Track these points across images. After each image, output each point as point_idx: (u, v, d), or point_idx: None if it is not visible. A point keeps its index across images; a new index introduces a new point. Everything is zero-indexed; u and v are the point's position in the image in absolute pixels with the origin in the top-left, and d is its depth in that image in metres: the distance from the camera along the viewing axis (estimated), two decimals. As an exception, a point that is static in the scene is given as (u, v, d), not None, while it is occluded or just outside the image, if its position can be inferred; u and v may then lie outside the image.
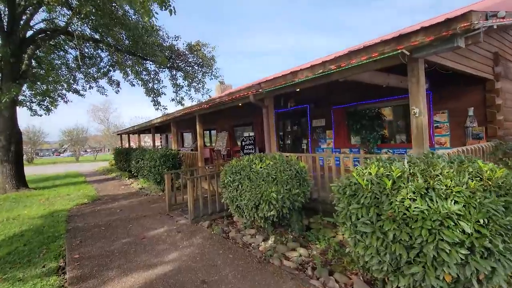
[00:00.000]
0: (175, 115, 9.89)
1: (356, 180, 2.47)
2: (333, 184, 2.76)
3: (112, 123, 55.52)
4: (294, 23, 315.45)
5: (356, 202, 2.38)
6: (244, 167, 4.13)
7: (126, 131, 18.02)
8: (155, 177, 8.46)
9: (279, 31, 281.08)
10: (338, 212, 2.65)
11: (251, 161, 4.25)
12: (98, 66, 15.54)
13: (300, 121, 10.47)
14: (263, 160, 4.17)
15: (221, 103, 7.10)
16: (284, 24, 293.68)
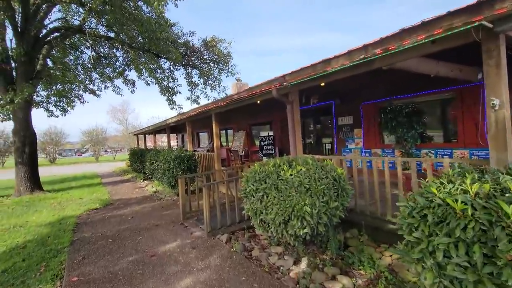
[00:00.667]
0: (190, 114, 9.34)
1: (441, 200, 1.72)
2: (401, 204, 2.00)
3: (131, 123, 56.49)
4: (307, 21, 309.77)
5: (446, 233, 1.62)
6: (270, 174, 3.43)
7: (142, 131, 17.77)
8: (169, 181, 7.93)
9: (291, 30, 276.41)
10: (410, 243, 1.90)
11: (278, 167, 3.55)
12: (113, 65, 15.36)
13: (324, 119, 9.66)
14: (292, 166, 3.45)
15: (239, 100, 6.43)
16: (297, 23, 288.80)
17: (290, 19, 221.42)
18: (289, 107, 5.35)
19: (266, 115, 11.55)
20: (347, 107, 8.10)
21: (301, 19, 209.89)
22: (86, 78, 15.54)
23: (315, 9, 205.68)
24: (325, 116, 9.66)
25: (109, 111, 56.63)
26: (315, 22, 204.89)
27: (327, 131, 9.44)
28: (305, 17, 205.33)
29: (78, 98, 15.79)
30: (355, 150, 7.98)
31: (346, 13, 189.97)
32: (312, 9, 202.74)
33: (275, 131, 11.12)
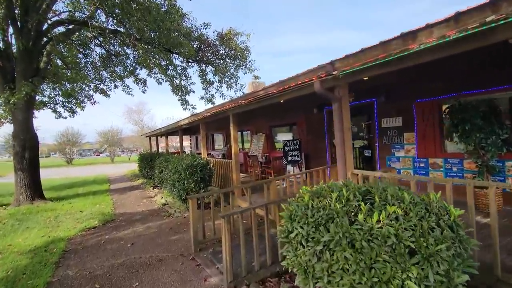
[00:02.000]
0: (204, 115, 8.11)
1: None
2: None
3: (146, 124, 56.39)
4: (321, 20, 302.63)
5: None
6: (336, 214, 2.08)
7: (154, 133, 16.80)
8: (180, 193, 6.71)
9: (305, 29, 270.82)
10: None
11: (346, 202, 2.19)
12: (124, 64, 14.43)
13: (361, 121, 8.22)
14: (375, 204, 2.07)
15: (265, 98, 5.11)
16: (311, 22, 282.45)
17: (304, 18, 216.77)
18: (335, 106, 3.98)
19: (289, 115, 10.18)
20: (395, 106, 6.62)
21: (315, 18, 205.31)
22: (96, 77, 14.71)
23: (330, 7, 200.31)
24: (363, 117, 8.20)
25: (125, 112, 56.70)
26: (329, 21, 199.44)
27: (365, 135, 8.00)
28: (319, 16, 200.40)
29: (88, 99, 14.99)
30: (405, 159, 6.49)
31: (361, 11, 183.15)
32: (326, 7, 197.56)
33: (300, 134, 9.74)
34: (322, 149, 8.83)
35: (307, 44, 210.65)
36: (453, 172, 5.62)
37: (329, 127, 8.62)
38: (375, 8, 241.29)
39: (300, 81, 4.04)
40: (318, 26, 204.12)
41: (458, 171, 5.54)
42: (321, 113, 8.78)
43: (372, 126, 7.24)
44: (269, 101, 5.30)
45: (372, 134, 7.33)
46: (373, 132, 7.21)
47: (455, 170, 5.59)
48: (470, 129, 4.92)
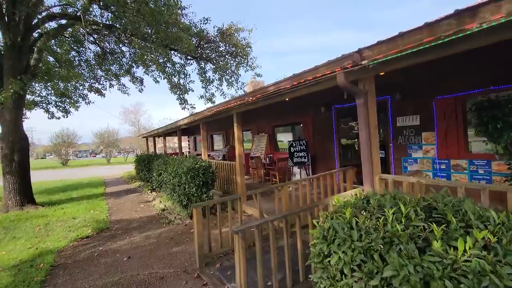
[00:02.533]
0: (205, 114, 7.60)
1: None
2: None
3: (143, 125, 55.71)
4: (321, 21, 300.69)
5: None
6: (396, 238, 1.60)
7: (151, 134, 16.25)
8: (180, 199, 6.20)
9: (307, 30, 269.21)
10: None
11: (408, 222, 1.70)
12: (120, 62, 13.88)
13: None
14: (451, 228, 1.58)
15: (276, 93, 4.61)
16: (313, 23, 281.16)
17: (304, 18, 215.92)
18: (360, 101, 3.50)
19: (294, 115, 9.70)
20: (412, 104, 6.16)
21: (316, 18, 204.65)
22: (90, 76, 14.15)
23: (330, 8, 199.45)
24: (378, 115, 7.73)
25: (121, 112, 55.91)
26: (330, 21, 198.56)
27: (379, 135, 7.52)
28: (320, 17, 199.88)
29: (82, 98, 14.42)
30: (424, 161, 6.03)
31: (361, 12, 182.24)
32: (327, 8, 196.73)
33: (306, 134, 9.27)
34: (330, 150, 8.36)
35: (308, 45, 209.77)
36: (479, 174, 5.17)
37: (338, 127, 8.16)
38: (375, 8, 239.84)
39: (319, 73, 3.56)
40: (319, 26, 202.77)
41: (486, 174, 5.09)
42: (329, 111, 8.31)
43: (386, 125, 6.78)
44: (279, 97, 4.81)
45: (385, 134, 6.88)
46: (387, 131, 6.75)
47: (481, 172, 5.14)
48: (502, 128, 4.46)
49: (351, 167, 5.46)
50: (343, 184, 5.34)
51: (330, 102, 8.24)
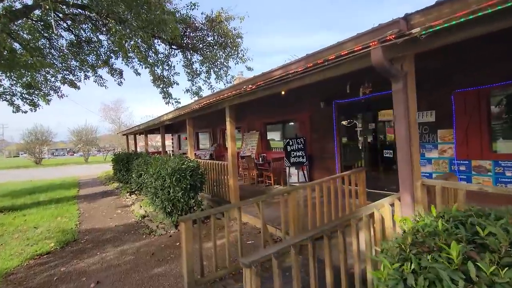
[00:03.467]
0: (193, 107, 6.70)
1: None
2: None
3: (123, 122, 53.49)
4: (305, 22, 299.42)
5: None
6: None
7: (132, 131, 15.06)
8: (164, 205, 5.29)
9: (291, 31, 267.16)
10: None
11: None
12: (97, 52, 12.65)
13: (379, 117, 7.15)
14: None
15: (284, 79, 3.81)
16: (297, 24, 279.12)
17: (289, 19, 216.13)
18: (399, 87, 2.77)
19: (290, 111, 8.96)
20: (426, 98, 5.54)
21: (300, 19, 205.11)
22: (63, 66, 12.82)
23: (312, 9, 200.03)
24: (382, 111, 7.13)
25: (101, 109, 53.43)
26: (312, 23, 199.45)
27: (386, 133, 6.94)
28: (302, 18, 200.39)
29: (54, 91, 13.06)
30: (439, 161, 5.43)
31: (343, 14, 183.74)
32: (309, 9, 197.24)
33: (302, 132, 8.54)
34: (330, 150, 7.67)
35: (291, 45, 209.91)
36: (506, 177, 4.60)
37: (339, 124, 7.48)
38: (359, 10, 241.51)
39: (344, 51, 2.79)
40: (303, 28, 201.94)
41: (515, 176, 4.53)
42: (329, 107, 7.61)
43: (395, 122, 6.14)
44: (286, 85, 4.02)
45: (394, 132, 6.24)
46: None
47: (509, 175, 4.57)
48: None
49: (363, 169, 4.76)
50: (354, 188, 4.64)
51: (330, 97, 7.55)
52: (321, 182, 4.15)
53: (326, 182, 4.22)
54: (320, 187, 4.12)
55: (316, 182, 4.09)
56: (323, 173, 7.94)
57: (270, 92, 4.51)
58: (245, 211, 5.61)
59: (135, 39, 8.01)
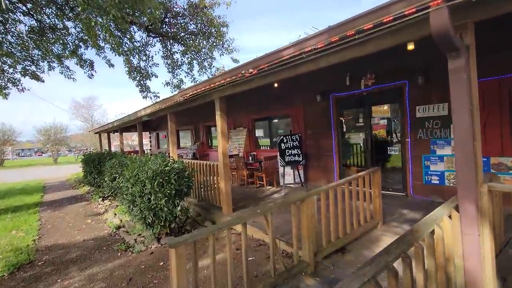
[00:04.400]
0: (176, 100, 5.84)
1: None
2: None
3: (97, 121, 50.67)
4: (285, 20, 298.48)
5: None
6: None
7: (105, 128, 13.75)
8: (143, 215, 4.41)
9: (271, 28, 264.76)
10: None
11: None
12: (64, 41, 11.30)
13: (383, 111, 6.64)
14: None
15: (296, 59, 3.08)
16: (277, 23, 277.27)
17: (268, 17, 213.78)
18: (459, 64, 2.11)
19: (281, 105, 8.28)
20: (439, 89, 5.05)
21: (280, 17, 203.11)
22: (24, 56, 11.35)
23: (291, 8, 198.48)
24: (387, 105, 6.62)
25: (72, 107, 50.16)
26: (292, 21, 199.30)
27: (391, 129, 6.42)
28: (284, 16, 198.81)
29: (13, 84, 11.57)
30: (452, 159, 4.96)
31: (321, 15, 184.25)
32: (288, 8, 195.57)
33: (296, 129, 7.89)
34: (327, 148, 7.08)
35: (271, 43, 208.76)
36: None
37: (337, 120, 6.89)
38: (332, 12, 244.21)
39: (389, 16, 2.11)
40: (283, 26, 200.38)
41: (542, 175, 4.11)
42: (325, 101, 7.01)
43: (402, 117, 5.64)
44: (294, 70, 3.30)
45: (400, 127, 5.74)
46: (403, 124, 5.61)
47: (535, 173, 4.15)
48: None
49: (378, 168, 4.16)
50: (368, 190, 4.03)
51: (327, 90, 6.94)
52: (336, 186, 3.48)
53: (341, 185, 3.56)
54: (334, 191, 3.45)
55: (330, 186, 3.41)
56: (319, 173, 7.34)
57: (272, 80, 3.78)
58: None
59: (106, 21, 6.95)
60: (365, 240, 3.76)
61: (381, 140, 6.91)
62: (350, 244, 3.62)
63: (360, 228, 3.83)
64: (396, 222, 4.27)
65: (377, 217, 4.09)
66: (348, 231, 3.65)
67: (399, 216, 4.54)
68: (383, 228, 4.09)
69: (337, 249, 3.45)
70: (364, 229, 3.88)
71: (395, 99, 5.87)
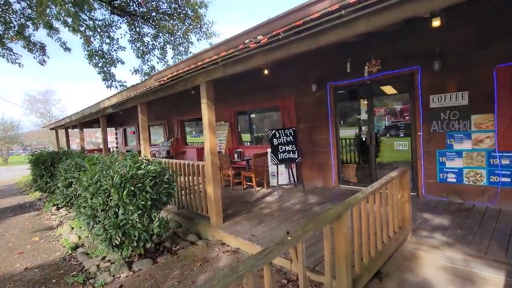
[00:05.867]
0: (150, 85, 4.72)
1: None
2: None
3: (55, 116, 46.38)
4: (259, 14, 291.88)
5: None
6: None
7: (61, 124, 11.96)
8: (109, 234, 3.30)
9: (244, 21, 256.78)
10: None
11: None
12: (5, 20, 9.45)
13: (389, 100, 6.00)
14: None
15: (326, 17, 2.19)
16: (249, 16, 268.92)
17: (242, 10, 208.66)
18: None
19: (270, 96, 7.42)
20: (458, 75, 4.46)
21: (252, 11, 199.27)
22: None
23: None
24: (395, 94, 5.99)
25: (26, 101, 45.39)
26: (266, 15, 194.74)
27: (398, 120, 5.80)
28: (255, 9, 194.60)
29: None
30: (473, 154, 4.41)
31: None
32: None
33: (286, 122, 7.07)
34: (323, 143, 6.35)
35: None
36: None
37: (335, 111, 6.16)
38: None
39: None
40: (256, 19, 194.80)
41: None
42: (322, 90, 6.26)
43: (413, 107, 5.02)
44: (327, 35, 2.41)
45: (411, 118, 5.12)
46: (415, 115, 4.99)
47: None
48: None
49: (407, 168, 3.44)
50: (396, 193, 3.30)
51: (324, 77, 6.19)
52: (374, 191, 2.67)
53: (378, 190, 2.77)
54: (373, 198, 2.64)
55: (368, 193, 2.58)
56: (314, 171, 6.60)
57: (281, 55, 2.89)
58: (234, 232, 3.93)
59: None
60: (399, 258, 3.02)
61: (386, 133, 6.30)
62: (384, 266, 2.86)
63: (391, 243, 3.08)
64: (425, 231, 3.59)
65: (406, 226, 3.37)
66: (379, 248, 2.88)
67: (423, 222, 3.88)
68: (413, 239, 3.38)
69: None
70: (395, 243, 3.14)
71: (404, 87, 5.25)
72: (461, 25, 4.33)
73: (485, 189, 4.35)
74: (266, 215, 4.62)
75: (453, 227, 3.61)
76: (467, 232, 3.43)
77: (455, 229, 3.55)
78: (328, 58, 6.05)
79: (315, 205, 5.00)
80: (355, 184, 6.07)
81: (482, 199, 4.37)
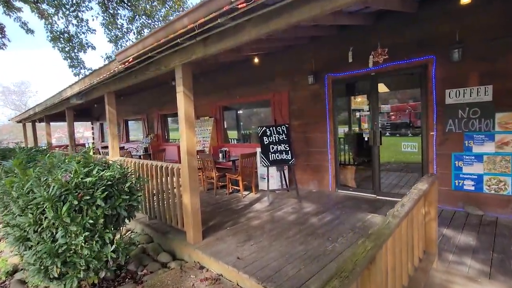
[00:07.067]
0: (113, 69, 3.84)
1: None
2: None
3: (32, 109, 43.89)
4: None
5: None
6: None
7: (26, 116, 10.71)
8: (43, 263, 2.43)
9: None
10: None
11: None
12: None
13: (397, 95, 5.32)
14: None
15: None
16: None
17: None
18: None
19: (259, 89, 6.63)
20: (479, 67, 3.83)
21: None
22: None
23: None
24: (406, 89, 5.31)
25: None
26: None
27: (406, 117, 5.14)
28: None
29: None
30: (496, 158, 3.80)
31: None
32: None
33: (277, 118, 6.32)
34: (319, 142, 5.64)
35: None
36: None
37: (334, 106, 5.46)
38: None
39: None
40: None
41: None
42: (319, 83, 5.53)
43: (425, 102, 4.36)
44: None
45: (423, 116, 4.46)
46: (427, 112, 4.34)
47: None
48: None
49: (435, 176, 2.75)
50: (418, 209, 2.61)
51: (322, 69, 5.46)
52: (407, 213, 1.94)
53: (412, 211, 2.04)
54: (406, 222, 1.92)
55: (403, 216, 1.85)
56: (308, 174, 5.89)
57: (278, 26, 2.12)
58: (212, 252, 3.13)
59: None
60: (429, 294, 2.33)
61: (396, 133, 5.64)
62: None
63: (418, 274, 2.38)
64: (450, 253, 2.93)
65: (431, 250, 2.68)
66: (405, 283, 2.18)
67: (445, 240, 3.22)
68: (440, 266, 2.71)
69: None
70: (423, 274, 2.45)
71: (415, 81, 4.59)
72: (487, 6, 3.69)
73: (510, 199, 3.75)
74: (255, 228, 3.86)
75: (484, 249, 2.97)
76: (503, 256, 2.79)
77: (487, 252, 2.90)
78: (328, 46, 5.33)
79: (312, 215, 4.27)
80: (354, 189, 5.41)
81: (505, 211, 3.77)
